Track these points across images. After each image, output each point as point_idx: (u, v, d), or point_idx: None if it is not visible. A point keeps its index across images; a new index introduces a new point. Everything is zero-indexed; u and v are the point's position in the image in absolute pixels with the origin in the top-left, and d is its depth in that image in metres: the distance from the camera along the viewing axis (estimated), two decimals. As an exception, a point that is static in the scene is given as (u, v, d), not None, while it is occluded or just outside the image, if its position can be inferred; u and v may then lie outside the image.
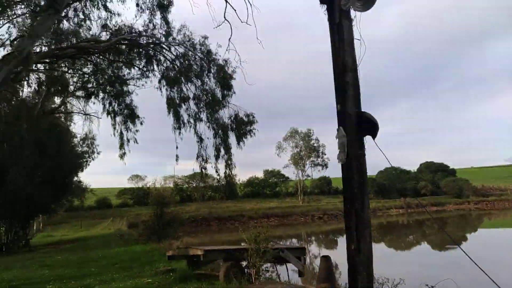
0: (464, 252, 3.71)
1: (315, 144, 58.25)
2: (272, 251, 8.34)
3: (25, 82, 20.57)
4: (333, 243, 30.11)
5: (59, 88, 21.49)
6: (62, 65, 18.27)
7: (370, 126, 3.77)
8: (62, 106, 25.56)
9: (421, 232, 35.19)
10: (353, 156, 3.62)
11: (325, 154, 58.65)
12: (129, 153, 17.49)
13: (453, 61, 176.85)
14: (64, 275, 10.83)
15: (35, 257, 15.99)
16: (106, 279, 9.77)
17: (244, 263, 8.86)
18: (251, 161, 63.29)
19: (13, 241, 20.31)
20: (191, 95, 15.97)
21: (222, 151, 15.36)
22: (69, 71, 19.27)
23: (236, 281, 7.97)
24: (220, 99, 15.69)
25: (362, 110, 3.77)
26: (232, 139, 15.68)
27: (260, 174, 62.30)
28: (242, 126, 15.64)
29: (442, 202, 54.07)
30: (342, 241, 30.99)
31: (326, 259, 4.07)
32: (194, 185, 53.61)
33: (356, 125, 3.82)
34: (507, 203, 54.55)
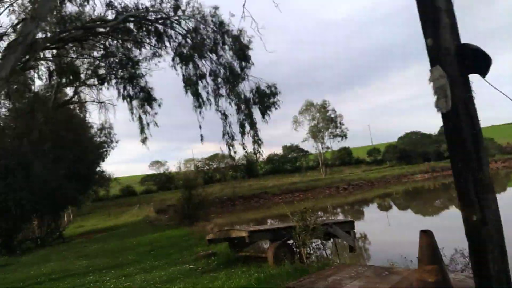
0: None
1: (332, 115, 57.03)
2: (321, 227, 7.75)
3: (36, 74, 20.20)
4: (359, 213, 29.39)
5: (71, 77, 21.04)
6: (71, 51, 17.69)
7: (477, 61, 2.92)
8: (76, 96, 25.23)
9: (447, 196, 34.26)
10: (459, 101, 2.81)
11: (343, 124, 57.51)
12: (150, 137, 17.01)
13: (464, 17, 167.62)
14: (102, 265, 10.55)
15: (70, 248, 15.91)
16: (146, 267, 9.39)
17: (290, 242, 8.32)
18: (268, 138, 62.45)
19: (47, 234, 20.42)
20: (207, 71, 15.18)
21: (247, 127, 14.67)
22: (78, 57, 18.66)
23: (287, 262, 7.40)
24: (239, 72, 14.83)
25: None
26: (256, 113, 14.95)
27: (279, 150, 61.67)
28: (265, 99, 14.82)
29: (467, 164, 52.34)
30: (368, 210, 30.41)
31: (427, 234, 3.32)
32: (215, 166, 53.46)
33: (458, 61, 2.99)
34: (536, 160, 52.78)
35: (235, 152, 15.25)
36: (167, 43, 15.67)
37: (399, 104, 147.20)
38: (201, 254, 9.83)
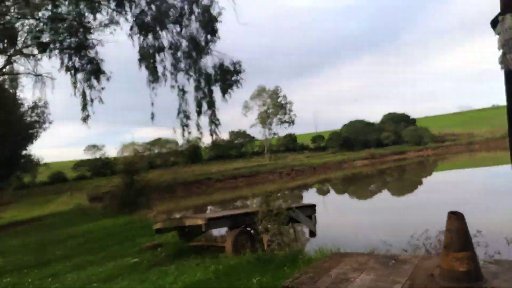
0: None
1: (283, 101, 57.81)
2: (286, 212, 6.98)
3: None
4: (298, 198, 29.60)
5: (5, 42, 17.79)
6: (12, 8, 14.87)
7: None
8: (7, 67, 21.75)
9: (381, 181, 36.03)
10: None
11: (291, 111, 58.45)
12: (93, 115, 15.06)
13: (417, 15, 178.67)
14: (23, 263, 8.89)
15: (-17, 244, 13.62)
16: (79, 263, 7.98)
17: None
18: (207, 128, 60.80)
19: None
20: (167, 44, 13.67)
21: (205, 106, 13.58)
22: (20, 17, 15.72)
23: (248, 250, 6.54)
24: (203, 45, 13.58)
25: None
26: (216, 91, 13.94)
27: (225, 136, 60.82)
28: (228, 76, 13.82)
29: (403, 151, 55.89)
30: (307, 195, 30.86)
31: (458, 216, 2.63)
32: (156, 151, 51.21)
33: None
34: (460, 147, 57.75)
35: (189, 133, 14.04)
36: (127, 9, 13.73)
37: (347, 94, 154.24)
38: (145, 246, 8.63)
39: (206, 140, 58.35)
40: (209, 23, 13.38)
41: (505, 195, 15.38)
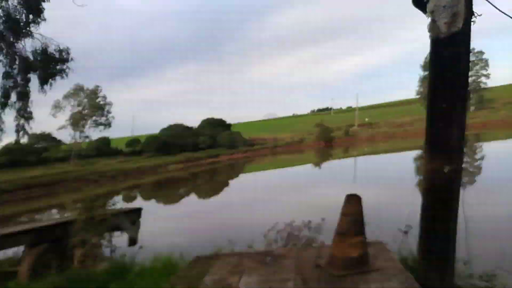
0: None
1: (102, 102, 53.73)
2: (110, 219, 5.83)
3: None
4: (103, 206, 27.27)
5: None
6: None
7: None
8: None
9: (191, 184, 36.95)
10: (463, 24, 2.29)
11: (110, 113, 54.95)
12: None
13: (237, 28, 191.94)
14: None
15: None
16: None
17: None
18: (13, 125, 49.26)
19: None
20: None
21: (13, 96, 11.06)
22: None
23: (55, 271, 5.06)
24: (23, 25, 10.89)
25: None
26: (34, 79, 11.66)
27: (24, 139, 50.18)
28: (52, 64, 11.67)
29: (217, 154, 59.14)
30: (111, 203, 28.65)
31: (356, 198, 2.39)
32: None
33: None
34: (266, 151, 65.63)
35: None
36: None
37: (168, 98, 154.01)
38: None
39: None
40: (33, 1, 10.97)
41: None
